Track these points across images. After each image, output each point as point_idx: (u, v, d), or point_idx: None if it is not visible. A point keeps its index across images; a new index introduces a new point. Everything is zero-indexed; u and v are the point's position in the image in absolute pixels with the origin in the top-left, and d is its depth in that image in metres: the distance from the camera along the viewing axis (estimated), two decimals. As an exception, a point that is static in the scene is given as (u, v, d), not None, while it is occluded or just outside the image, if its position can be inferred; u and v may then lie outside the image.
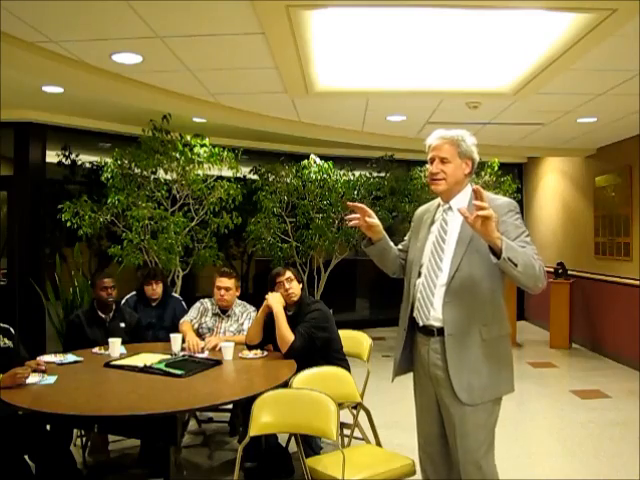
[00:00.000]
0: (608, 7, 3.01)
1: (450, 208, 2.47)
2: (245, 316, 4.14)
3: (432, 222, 2.54)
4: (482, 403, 2.35)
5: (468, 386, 2.33)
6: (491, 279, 2.35)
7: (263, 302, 3.67)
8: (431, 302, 2.41)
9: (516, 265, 2.13)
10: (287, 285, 3.67)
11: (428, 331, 2.44)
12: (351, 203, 2.48)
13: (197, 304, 4.23)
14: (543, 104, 5.15)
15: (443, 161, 2.44)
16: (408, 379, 2.78)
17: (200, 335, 4.08)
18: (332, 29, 3.55)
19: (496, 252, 2.14)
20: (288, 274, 3.71)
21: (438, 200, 2.58)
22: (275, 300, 3.61)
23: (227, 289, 4.07)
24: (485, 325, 2.35)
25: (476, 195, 2.12)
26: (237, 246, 8.74)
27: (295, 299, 3.69)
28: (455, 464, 2.43)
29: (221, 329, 4.12)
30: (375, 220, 2.48)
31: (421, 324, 2.47)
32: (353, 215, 2.48)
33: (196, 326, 4.11)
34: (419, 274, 2.48)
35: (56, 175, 6.97)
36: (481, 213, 2.08)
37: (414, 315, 2.50)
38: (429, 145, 2.49)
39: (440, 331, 2.39)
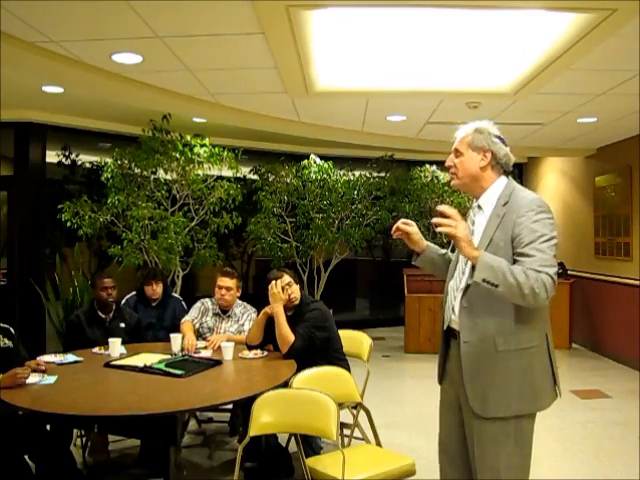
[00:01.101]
0: (608, 7, 3.01)
1: (479, 207, 2.32)
2: (246, 317, 4.14)
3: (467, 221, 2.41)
4: (498, 419, 2.16)
5: (482, 397, 2.18)
6: None
7: (263, 302, 3.67)
8: (453, 305, 2.31)
9: (496, 286, 2.01)
10: (289, 291, 3.64)
11: (452, 333, 2.33)
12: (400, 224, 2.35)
13: (198, 304, 4.23)
14: (543, 104, 5.15)
15: (456, 154, 2.33)
16: (407, 380, 2.78)
17: (201, 335, 4.09)
18: (332, 29, 3.55)
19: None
20: (287, 279, 3.66)
21: None
22: (275, 300, 3.58)
23: (228, 289, 4.06)
24: (502, 336, 2.15)
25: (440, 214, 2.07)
26: (237, 246, 8.74)
27: (296, 302, 3.68)
28: (474, 471, 2.29)
29: (221, 329, 4.12)
30: (412, 228, 2.36)
31: (445, 327, 2.38)
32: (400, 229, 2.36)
33: (197, 326, 4.11)
34: (452, 275, 2.38)
35: (56, 175, 6.97)
36: (439, 230, 2.05)
37: (443, 317, 2.40)
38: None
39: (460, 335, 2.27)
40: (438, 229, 2.07)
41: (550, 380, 2.22)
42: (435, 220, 2.06)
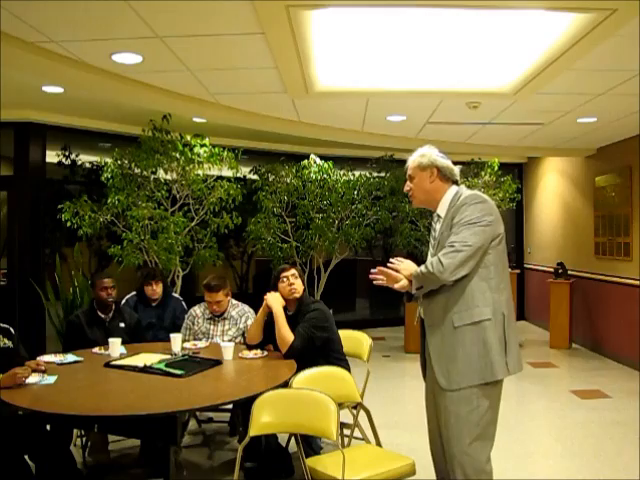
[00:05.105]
0: (608, 7, 3.01)
1: (439, 216, 2.67)
2: (244, 320, 4.13)
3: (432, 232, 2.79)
4: (461, 390, 2.46)
5: (447, 372, 2.50)
6: None
7: (263, 302, 3.68)
8: (422, 299, 2.66)
9: (422, 287, 2.52)
10: (292, 280, 3.69)
11: (425, 325, 2.66)
12: (375, 270, 2.65)
13: (184, 322, 4.23)
14: (543, 104, 5.15)
15: (411, 179, 2.71)
16: (407, 380, 2.82)
17: (195, 338, 4.12)
18: (332, 29, 3.55)
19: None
20: (294, 271, 3.76)
21: None
22: (274, 300, 3.62)
23: (218, 302, 4.06)
24: (457, 313, 2.49)
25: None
26: (237, 246, 8.75)
27: (297, 296, 3.70)
28: (445, 448, 2.55)
29: (217, 332, 4.12)
30: (404, 282, 2.60)
31: (416, 320, 2.75)
32: (376, 275, 2.64)
33: (191, 339, 4.10)
34: None
35: (56, 175, 6.97)
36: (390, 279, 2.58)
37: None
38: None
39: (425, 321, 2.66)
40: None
41: (503, 353, 2.48)
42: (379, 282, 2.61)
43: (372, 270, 2.66)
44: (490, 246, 2.50)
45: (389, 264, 2.61)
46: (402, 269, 2.58)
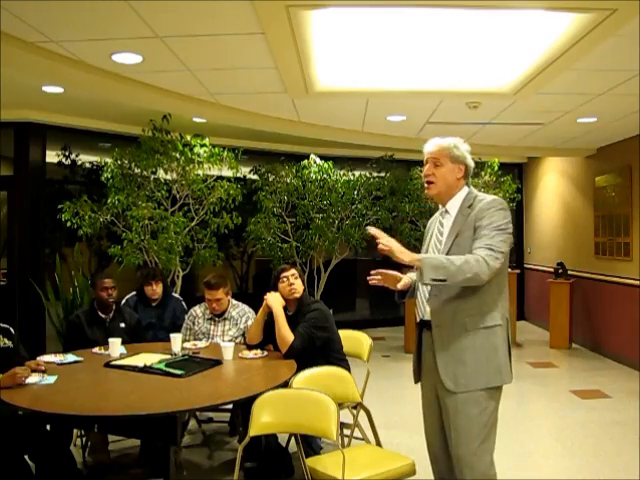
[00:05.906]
0: (608, 7, 3.02)
1: (447, 211, 2.60)
2: (244, 320, 4.13)
3: (434, 227, 2.69)
4: (469, 392, 2.42)
5: (454, 375, 2.44)
6: None
7: (263, 302, 3.68)
8: (426, 298, 2.56)
9: (444, 280, 2.32)
10: (292, 280, 3.70)
11: (427, 325, 2.57)
12: (375, 272, 2.62)
13: (185, 322, 4.23)
14: (543, 104, 5.15)
15: (436, 164, 2.57)
16: (407, 380, 2.81)
17: (196, 338, 4.12)
18: (332, 29, 3.55)
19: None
20: (294, 271, 3.77)
21: None
22: (274, 300, 3.62)
23: (218, 300, 4.06)
24: (470, 316, 2.44)
25: (374, 237, 2.41)
26: (237, 246, 8.75)
27: (297, 296, 3.71)
28: (452, 454, 2.50)
29: (218, 332, 4.12)
30: (406, 279, 2.64)
31: (418, 320, 2.64)
32: (374, 276, 2.63)
33: (191, 339, 4.10)
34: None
35: (56, 175, 6.97)
36: (381, 247, 2.37)
37: (416, 312, 2.65)
38: (425, 151, 2.62)
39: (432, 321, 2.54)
40: (379, 247, 2.40)
41: (508, 358, 2.50)
42: (374, 234, 2.43)
43: (372, 272, 2.63)
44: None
45: (378, 239, 2.40)
46: (395, 250, 2.34)
